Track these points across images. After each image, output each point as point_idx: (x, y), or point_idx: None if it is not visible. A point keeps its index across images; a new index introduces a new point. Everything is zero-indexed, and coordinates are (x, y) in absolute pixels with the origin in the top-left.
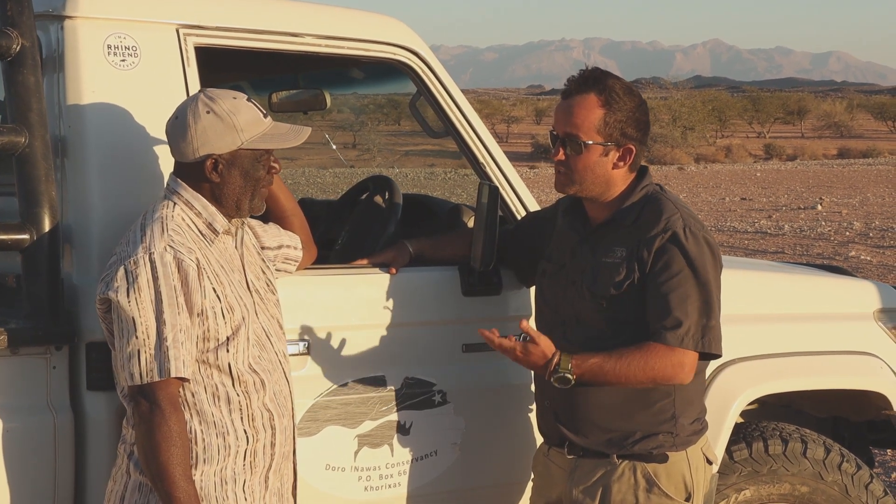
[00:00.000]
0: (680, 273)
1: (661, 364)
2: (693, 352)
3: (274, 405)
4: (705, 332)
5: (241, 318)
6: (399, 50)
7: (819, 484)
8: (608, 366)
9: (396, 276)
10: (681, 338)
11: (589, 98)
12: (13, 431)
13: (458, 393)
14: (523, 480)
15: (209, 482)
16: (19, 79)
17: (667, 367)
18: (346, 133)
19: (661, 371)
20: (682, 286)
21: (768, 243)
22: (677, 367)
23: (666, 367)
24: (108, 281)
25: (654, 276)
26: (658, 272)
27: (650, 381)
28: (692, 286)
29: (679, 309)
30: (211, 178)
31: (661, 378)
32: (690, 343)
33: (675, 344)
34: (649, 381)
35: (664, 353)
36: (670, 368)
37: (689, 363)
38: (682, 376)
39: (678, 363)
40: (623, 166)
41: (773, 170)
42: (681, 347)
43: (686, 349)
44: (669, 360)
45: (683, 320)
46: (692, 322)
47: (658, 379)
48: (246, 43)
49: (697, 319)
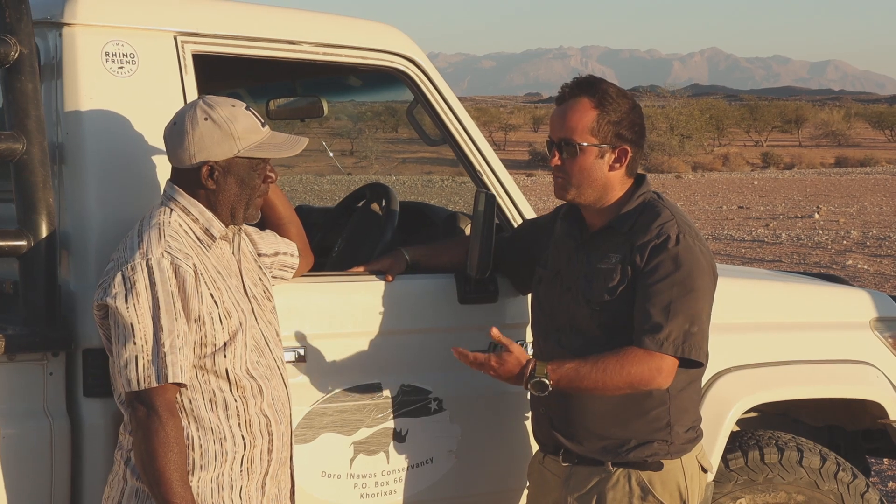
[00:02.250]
0: (667, 277)
1: (638, 369)
2: (672, 357)
3: (271, 411)
4: (687, 337)
5: (239, 323)
6: (396, 58)
7: (815, 493)
8: (584, 370)
9: (393, 283)
10: (660, 342)
11: (582, 101)
12: (10, 438)
13: (454, 400)
14: (519, 488)
15: (206, 488)
16: (17, 85)
17: (644, 372)
18: (343, 140)
19: (637, 376)
20: (668, 291)
21: (765, 252)
22: (654, 372)
23: (643, 372)
24: (106, 287)
25: (643, 278)
26: (647, 275)
27: (628, 387)
28: (679, 292)
29: (661, 314)
30: (207, 185)
31: (638, 383)
32: (670, 348)
33: (654, 348)
34: (627, 385)
35: (642, 357)
36: (647, 373)
37: (667, 368)
38: (660, 381)
39: (656, 368)
40: (619, 168)
41: (770, 178)
42: (659, 352)
43: (665, 353)
44: (647, 364)
45: (664, 325)
46: (674, 327)
47: (636, 384)
48: (243, 50)
49: (680, 325)
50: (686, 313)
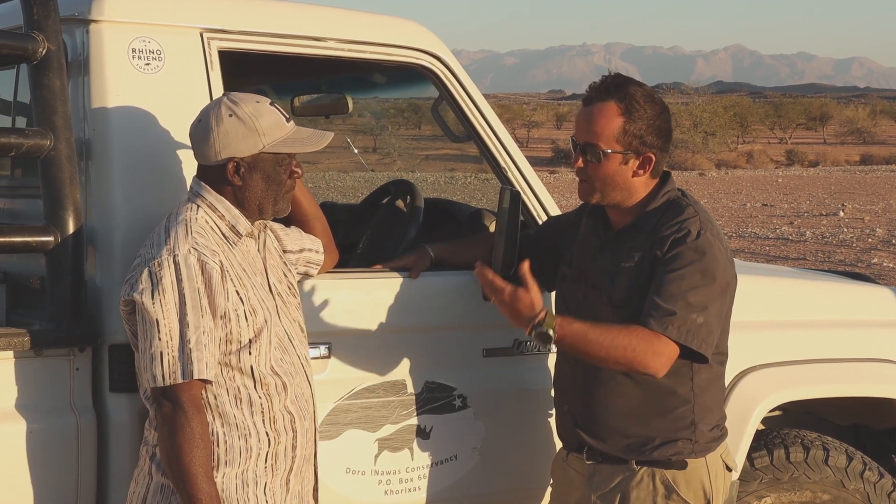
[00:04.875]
0: (682, 267)
1: (641, 347)
2: (673, 344)
3: (295, 408)
4: (692, 327)
5: (264, 320)
6: (422, 54)
7: (841, 492)
8: (591, 335)
9: (417, 280)
10: (665, 325)
11: (609, 106)
12: (36, 432)
13: (479, 397)
14: (542, 486)
15: (230, 484)
16: (45, 82)
17: (646, 353)
18: (367, 137)
19: (639, 355)
20: (681, 279)
21: (790, 249)
22: (654, 356)
23: (645, 353)
24: (133, 283)
25: (660, 267)
26: (663, 264)
27: (626, 363)
28: (692, 282)
29: (672, 299)
30: (233, 182)
31: (636, 362)
32: (674, 332)
33: (659, 330)
34: (625, 361)
35: (646, 336)
36: (648, 355)
37: (667, 354)
38: (657, 365)
39: (657, 351)
40: (643, 174)
41: (794, 176)
42: (664, 335)
43: (669, 338)
44: (649, 345)
45: (672, 310)
46: (681, 314)
47: (634, 363)
48: (269, 47)
49: (688, 313)
50: (696, 303)
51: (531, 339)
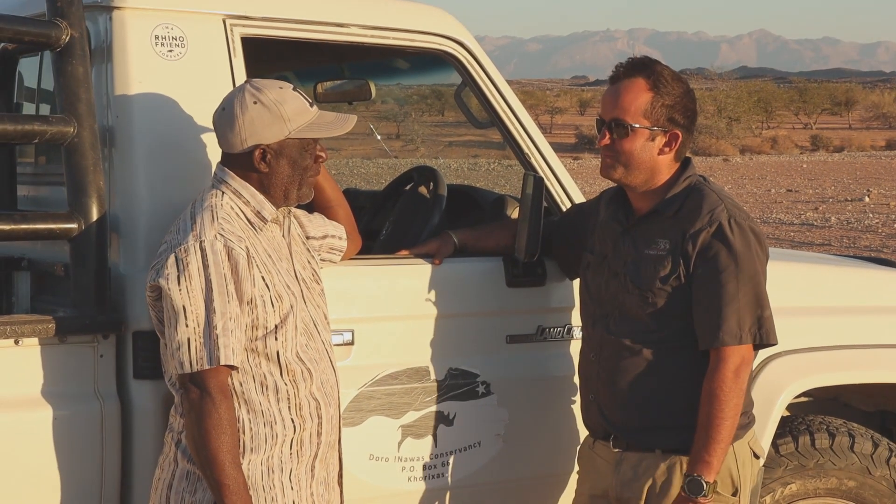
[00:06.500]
0: (727, 269)
1: (735, 373)
2: (747, 345)
3: (321, 394)
4: (762, 323)
5: (290, 306)
6: (445, 40)
7: (867, 479)
8: (714, 433)
9: (440, 266)
10: (739, 336)
11: (637, 82)
12: (61, 419)
13: (502, 384)
14: (567, 472)
15: (256, 471)
16: (68, 69)
17: (739, 372)
18: (390, 123)
19: (739, 379)
20: (730, 282)
21: (815, 235)
22: (743, 366)
23: (738, 372)
24: (159, 268)
25: (702, 273)
26: (705, 269)
27: (741, 395)
28: (741, 281)
29: (730, 307)
30: (259, 168)
31: (741, 384)
32: (748, 337)
33: (735, 343)
34: (740, 396)
35: (728, 356)
36: (738, 371)
37: (750, 357)
38: (747, 371)
39: (744, 361)
40: (669, 152)
41: (819, 161)
42: (741, 344)
43: (745, 344)
44: (734, 361)
45: (737, 317)
46: (746, 316)
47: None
48: (292, 33)
49: (752, 312)
50: (753, 300)
51: (684, 488)
